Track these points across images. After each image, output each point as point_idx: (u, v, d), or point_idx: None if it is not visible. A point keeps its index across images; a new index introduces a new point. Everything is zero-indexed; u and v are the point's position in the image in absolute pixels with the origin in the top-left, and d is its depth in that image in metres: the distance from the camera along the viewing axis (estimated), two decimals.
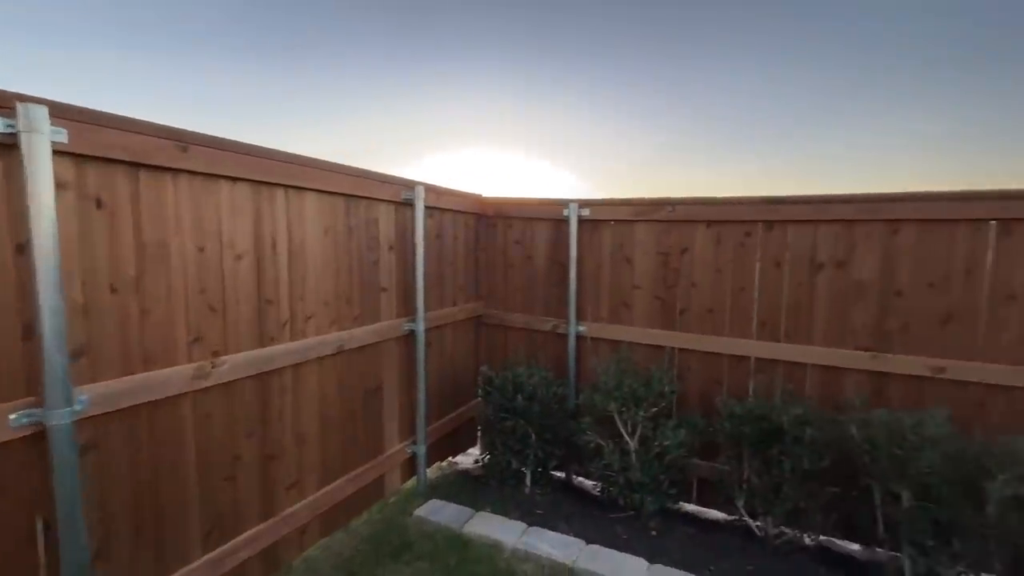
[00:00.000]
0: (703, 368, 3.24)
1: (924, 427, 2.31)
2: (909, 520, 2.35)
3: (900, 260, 2.74)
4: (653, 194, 3.39)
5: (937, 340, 2.68)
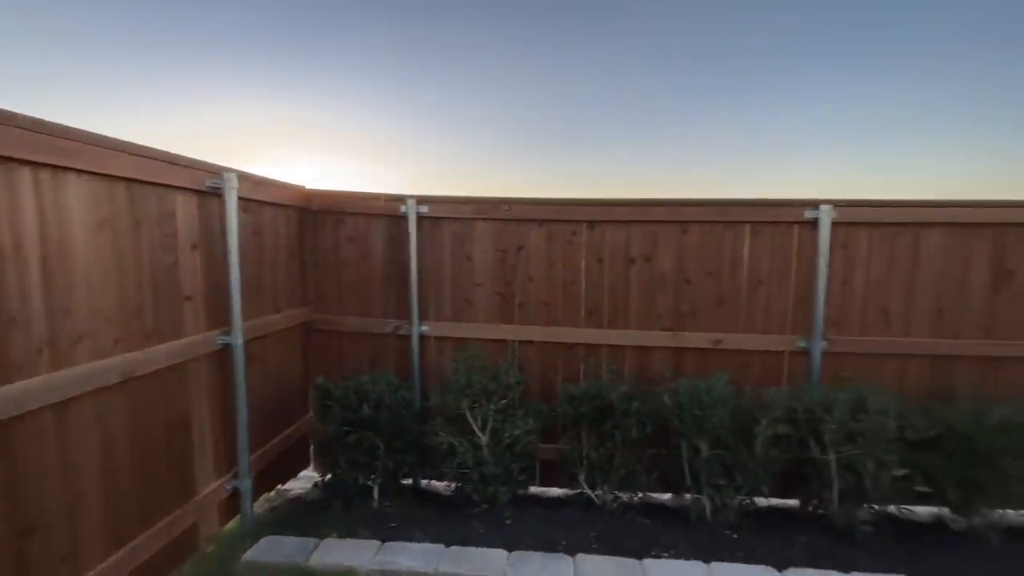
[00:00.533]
0: (542, 357, 3.46)
1: (714, 390, 2.86)
2: (707, 466, 2.89)
3: (689, 255, 3.33)
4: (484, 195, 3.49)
5: (715, 318, 3.34)
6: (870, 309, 3.24)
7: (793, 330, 3.29)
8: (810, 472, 2.95)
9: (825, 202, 3.17)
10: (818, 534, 2.86)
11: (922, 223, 3.16)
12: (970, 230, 3.16)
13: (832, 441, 2.76)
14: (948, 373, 3.22)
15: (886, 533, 2.85)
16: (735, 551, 2.69)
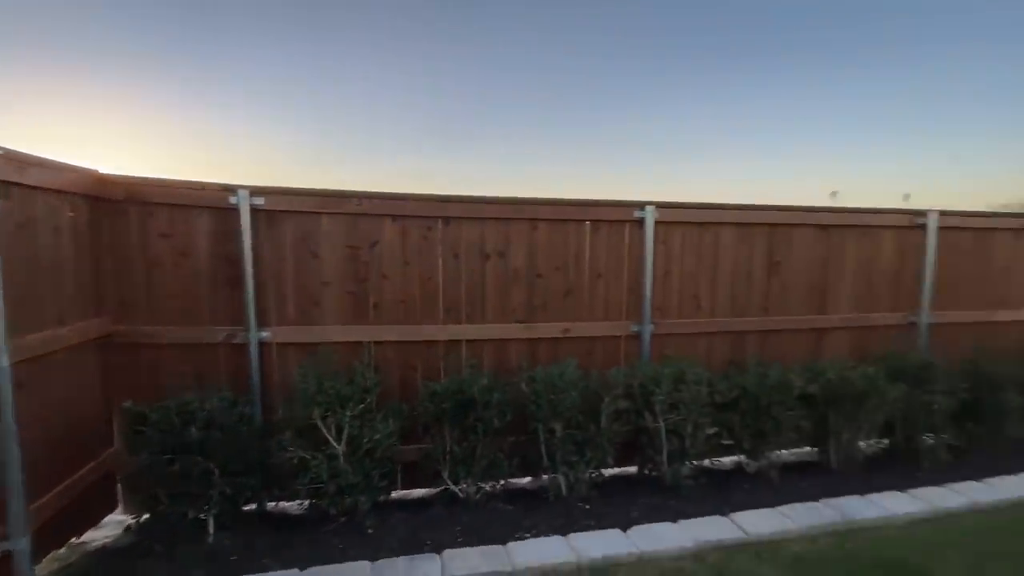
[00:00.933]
0: (401, 357, 3.36)
1: (566, 375, 3.09)
2: (562, 446, 3.10)
3: (539, 251, 3.53)
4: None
5: (563, 309, 3.60)
6: (685, 296, 3.81)
7: (627, 316, 3.71)
8: (644, 440, 3.36)
9: (649, 203, 3.63)
10: (653, 493, 3.27)
11: (721, 223, 3.82)
12: (752, 229, 3.90)
13: (661, 410, 3.18)
14: (742, 345, 3.95)
15: (703, 483, 3.38)
16: (588, 520, 2.94)
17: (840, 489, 3.31)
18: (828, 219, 4.06)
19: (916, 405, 3.66)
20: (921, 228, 4.23)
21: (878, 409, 3.53)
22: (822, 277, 4.09)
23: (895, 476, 3.52)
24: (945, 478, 3.48)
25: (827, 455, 3.68)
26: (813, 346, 4.09)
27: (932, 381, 3.68)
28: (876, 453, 3.88)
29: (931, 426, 3.75)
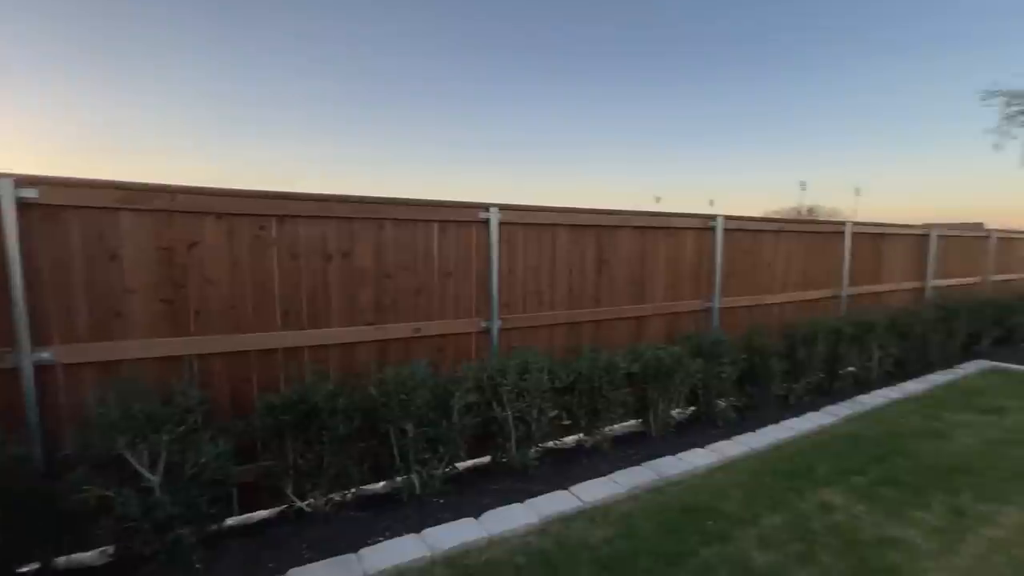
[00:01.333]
0: (232, 370, 3.04)
1: (417, 374, 3.11)
2: (414, 445, 3.12)
3: (387, 250, 3.49)
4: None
5: (414, 309, 3.61)
6: (529, 292, 4.10)
7: (477, 313, 3.87)
8: (495, 429, 3.54)
9: (493, 205, 3.82)
10: (505, 479, 3.46)
11: (556, 224, 4.18)
12: (584, 231, 4.35)
13: (509, 400, 3.38)
14: (578, 334, 4.38)
15: (549, 464, 3.68)
16: (443, 514, 3.00)
17: (658, 452, 3.87)
18: (644, 222, 4.70)
19: (712, 375, 4.45)
20: (712, 230, 5.15)
21: (684, 381, 4.22)
22: (641, 272, 4.73)
23: (698, 435, 4.23)
24: (733, 432, 4.29)
25: (648, 424, 4.28)
26: (636, 331, 4.72)
27: (722, 355, 4.51)
28: (685, 418, 4.61)
29: (722, 392, 4.60)
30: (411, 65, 55.95)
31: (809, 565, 2.58)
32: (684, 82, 64.23)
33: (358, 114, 61.01)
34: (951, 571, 2.55)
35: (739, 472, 3.63)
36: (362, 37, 44.14)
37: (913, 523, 2.97)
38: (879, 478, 3.52)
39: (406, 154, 58.12)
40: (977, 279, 8.93)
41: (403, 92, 57.65)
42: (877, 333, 5.77)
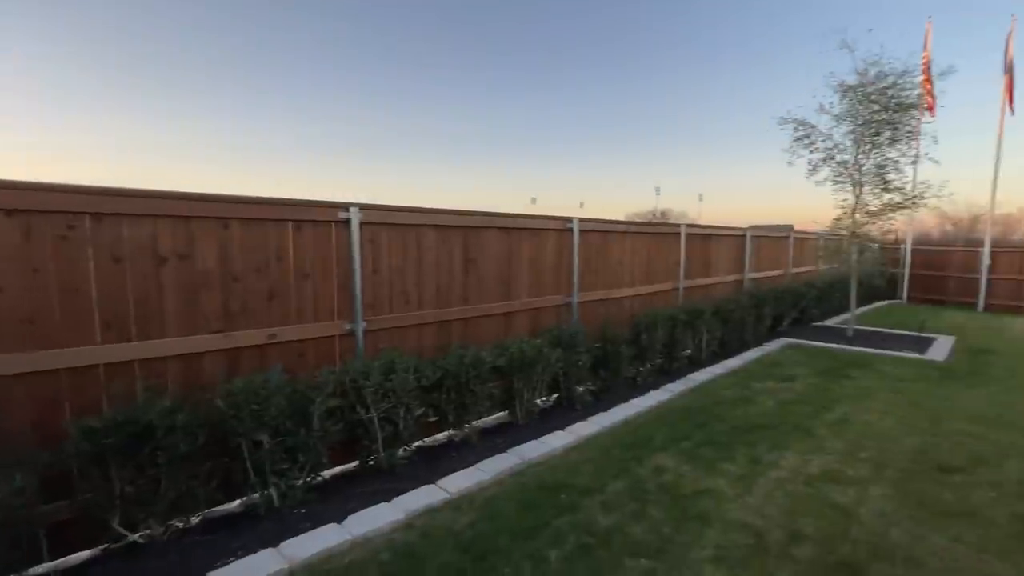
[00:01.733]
0: (33, 392, 2.61)
1: (271, 381, 2.96)
2: (270, 457, 2.96)
3: (234, 252, 3.25)
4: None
5: (267, 313, 3.41)
6: (395, 292, 4.10)
7: (340, 316, 3.77)
8: (361, 433, 3.50)
9: (354, 205, 3.76)
10: (372, 481, 3.44)
11: (422, 225, 4.24)
12: (450, 231, 4.47)
13: (373, 401, 3.37)
14: (448, 333, 4.48)
15: (418, 462, 3.74)
16: (304, 523, 2.90)
17: (523, 438, 4.14)
18: (509, 223, 4.97)
19: (571, 364, 4.86)
20: (569, 231, 5.61)
21: (546, 371, 4.56)
22: (507, 270, 4.99)
23: (559, 419, 4.60)
24: (589, 414, 4.74)
25: (515, 414, 4.55)
26: (503, 327, 4.97)
27: (579, 345, 4.95)
28: (549, 405, 4.98)
29: (580, 378, 5.05)
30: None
31: (642, 520, 2.99)
32: (567, 87, 67.93)
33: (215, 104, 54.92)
34: (746, 508, 3.15)
35: (592, 449, 4.03)
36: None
37: (722, 474, 3.58)
38: (701, 440, 4.17)
39: (268, 149, 53.51)
40: (781, 272, 10.87)
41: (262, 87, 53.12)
42: (705, 319, 6.77)
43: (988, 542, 2.81)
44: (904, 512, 3.12)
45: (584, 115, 73.46)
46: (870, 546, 2.77)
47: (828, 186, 8.73)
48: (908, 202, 8.33)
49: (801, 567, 2.59)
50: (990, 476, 3.59)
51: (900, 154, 8.20)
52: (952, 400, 5.31)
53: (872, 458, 3.87)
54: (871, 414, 4.85)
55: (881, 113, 7.98)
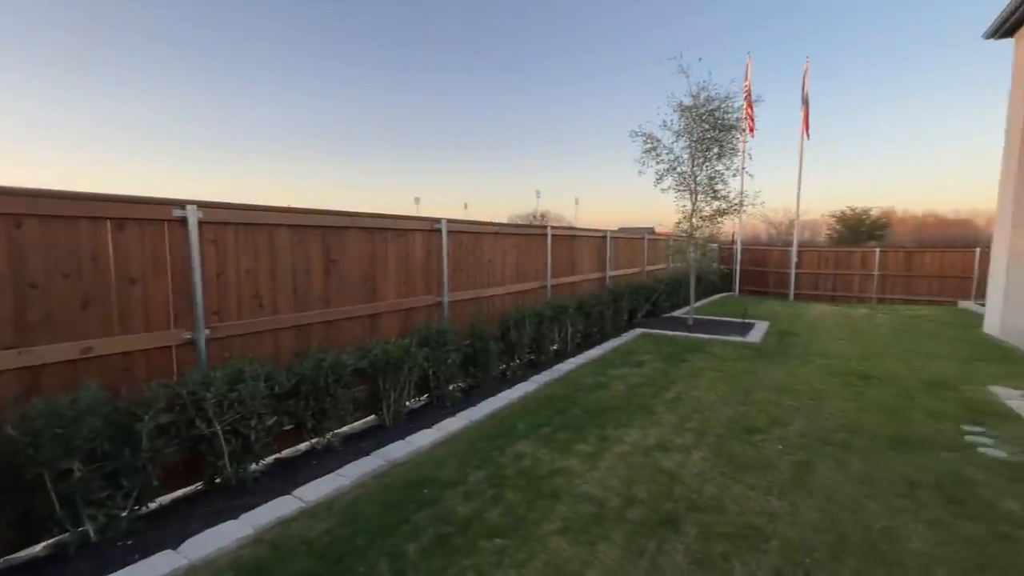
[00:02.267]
0: None
1: (80, 401, 2.60)
2: (83, 487, 2.61)
3: (29, 252, 2.80)
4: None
5: (82, 324, 2.99)
6: (245, 296, 3.83)
7: (177, 324, 3.43)
8: (204, 449, 3.22)
9: (191, 202, 3.44)
10: (219, 500, 3.19)
11: (274, 224, 4.01)
12: (309, 231, 4.29)
13: (216, 413, 3.13)
14: (308, 337, 4.29)
15: (274, 474, 3.54)
16: (132, 556, 2.60)
17: (389, 440, 4.13)
18: (373, 223, 4.90)
19: (440, 362, 4.95)
20: (438, 232, 5.69)
21: (414, 371, 4.58)
22: (372, 271, 4.92)
23: (429, 418, 4.66)
24: (458, 410, 4.87)
25: (383, 416, 4.51)
26: (369, 329, 4.88)
27: (448, 343, 5.05)
28: (419, 406, 5.01)
29: (450, 376, 5.15)
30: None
31: (499, 504, 3.18)
32: (450, 93, 67.92)
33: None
34: (592, 482, 3.50)
35: (458, 443, 4.16)
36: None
37: (575, 454, 3.94)
38: (559, 425, 4.53)
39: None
40: (638, 269, 12.08)
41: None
42: (570, 314, 7.31)
43: (772, 486, 3.46)
44: (716, 470, 3.71)
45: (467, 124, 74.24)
46: (688, 501, 3.26)
47: (672, 194, 9.93)
48: (732, 209, 9.79)
49: (632, 526, 2.96)
50: (780, 433, 4.41)
51: (726, 167, 9.62)
52: (761, 375, 6.39)
53: (696, 427, 4.53)
54: (699, 391, 5.65)
55: (711, 131, 9.28)
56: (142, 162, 47.58)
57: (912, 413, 4.94)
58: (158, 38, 46.35)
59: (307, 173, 61.65)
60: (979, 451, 4.01)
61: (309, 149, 64.86)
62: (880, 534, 2.89)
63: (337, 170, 64.32)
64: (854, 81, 59.86)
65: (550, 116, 76.47)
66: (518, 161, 78.84)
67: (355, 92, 63.47)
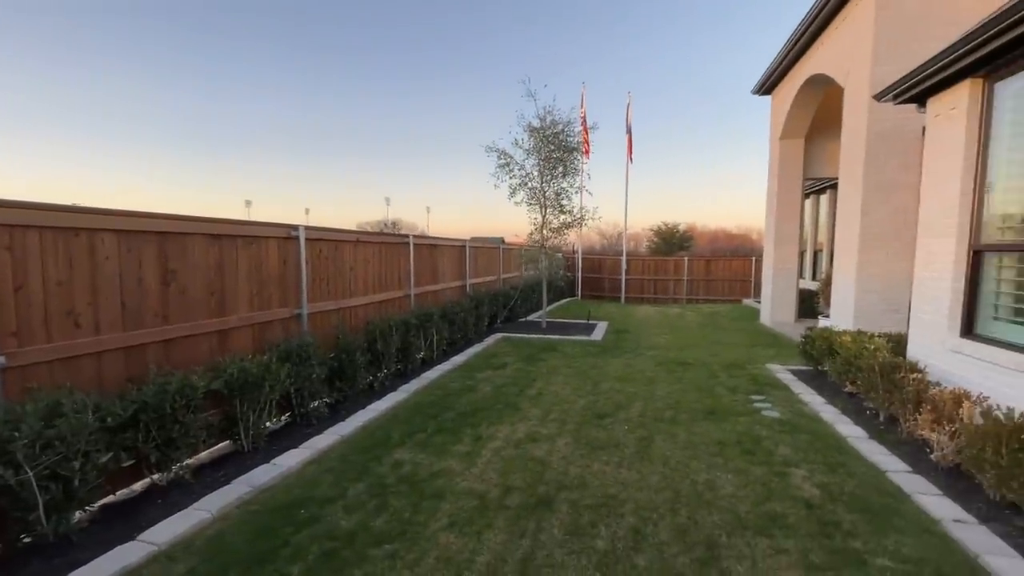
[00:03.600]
0: None
1: None
2: None
3: None
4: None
5: None
6: (55, 313, 3.19)
7: None
8: (7, 503, 2.62)
9: None
10: (33, 562, 2.62)
11: (96, 229, 3.42)
12: (141, 237, 3.73)
13: (27, 457, 2.57)
14: (142, 359, 3.72)
15: (110, 519, 3.02)
16: None
17: (252, 465, 3.79)
18: (221, 229, 4.43)
19: (303, 378, 4.67)
20: (295, 239, 5.36)
21: (275, 388, 4.26)
22: (221, 282, 4.44)
23: (294, 437, 4.37)
24: (326, 426, 4.65)
25: (241, 441, 4.10)
26: (220, 346, 4.40)
27: (312, 357, 4.79)
28: (282, 425, 4.66)
29: (315, 392, 4.89)
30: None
31: (384, 512, 3.18)
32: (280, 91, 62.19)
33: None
34: (473, 477, 3.69)
35: (331, 459, 4.00)
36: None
37: (453, 455, 4.09)
38: (434, 430, 4.63)
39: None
40: (495, 277, 12.67)
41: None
42: (435, 322, 7.42)
43: (623, 460, 4.04)
44: (578, 453, 4.18)
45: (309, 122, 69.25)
46: (557, 483, 3.64)
47: (524, 207, 10.69)
48: (576, 222, 10.92)
49: (512, 512, 3.22)
50: (625, 416, 5.13)
51: (570, 184, 10.70)
52: (605, 368, 7.27)
53: (558, 418, 5.02)
54: (557, 386, 6.24)
55: (556, 152, 10.25)
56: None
57: (718, 389, 6.13)
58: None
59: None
60: (763, 414, 5.17)
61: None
62: (703, 486, 3.59)
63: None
64: (666, 112, 71.39)
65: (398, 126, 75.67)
66: (366, 167, 76.16)
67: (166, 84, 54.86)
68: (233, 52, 56.00)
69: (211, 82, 60.36)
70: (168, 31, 50.23)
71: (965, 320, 4.63)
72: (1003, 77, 4.29)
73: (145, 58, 52.06)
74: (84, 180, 52.07)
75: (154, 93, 57.06)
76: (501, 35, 63.91)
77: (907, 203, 6.83)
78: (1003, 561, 2.61)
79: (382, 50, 62.48)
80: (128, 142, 59.34)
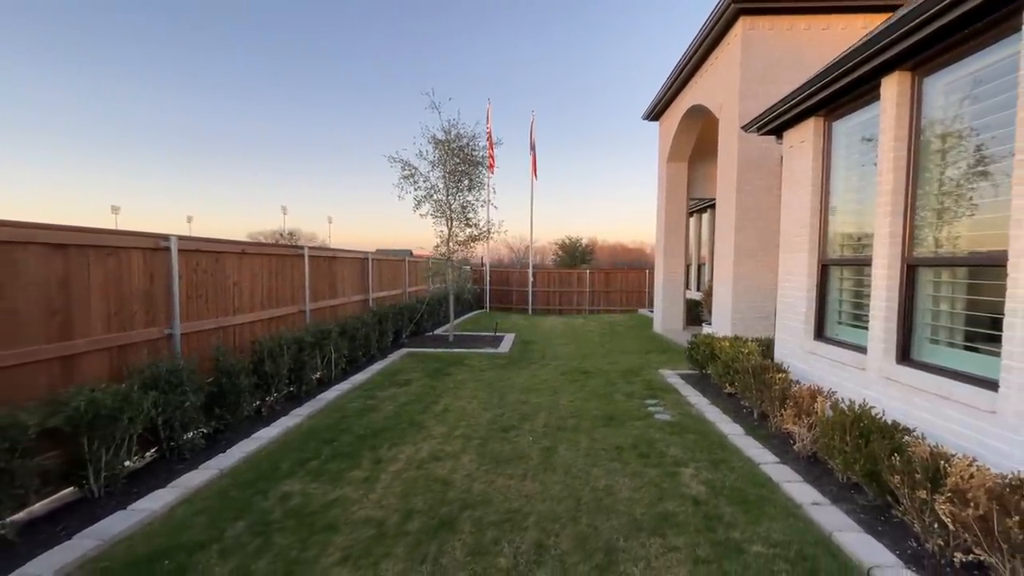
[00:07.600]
0: None
1: None
2: None
3: None
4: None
5: None
6: None
7: None
8: None
9: None
10: None
11: None
12: None
13: None
14: None
15: None
16: None
17: (103, 513, 3.24)
18: (66, 238, 3.80)
19: (173, 407, 4.12)
20: (166, 250, 4.77)
21: (135, 421, 3.70)
22: (65, 300, 3.80)
23: (161, 477, 3.82)
24: (201, 460, 4.13)
25: (89, 485, 3.49)
26: (64, 376, 3.74)
27: (184, 383, 4.25)
28: (147, 462, 4.06)
29: (188, 422, 4.33)
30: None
31: (268, 552, 2.87)
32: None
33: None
34: (371, 504, 3.47)
35: (206, 498, 3.55)
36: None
37: (349, 482, 3.82)
38: (329, 456, 4.31)
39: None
40: (400, 291, 12.30)
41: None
42: (333, 339, 6.99)
43: (527, 473, 4.05)
44: (483, 468, 4.12)
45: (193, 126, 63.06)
46: (461, 502, 3.54)
47: (430, 219, 10.54)
48: (482, 235, 10.98)
49: (413, 537, 3.06)
50: (530, 427, 5.17)
51: (475, 198, 10.75)
52: (512, 380, 7.32)
53: (463, 434, 4.93)
54: (463, 400, 6.15)
55: (462, 165, 10.27)
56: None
57: (615, 396, 6.42)
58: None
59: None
60: (656, 417, 5.50)
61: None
62: (603, 491, 3.70)
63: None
64: (568, 132, 75.12)
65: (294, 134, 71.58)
66: (261, 175, 70.87)
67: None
68: (111, 52, 49.55)
69: (95, 81, 52.79)
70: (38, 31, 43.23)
71: (817, 324, 5.31)
72: (837, 117, 5.04)
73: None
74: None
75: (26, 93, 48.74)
76: (406, 51, 63.55)
77: (772, 222, 7.75)
78: (851, 536, 2.98)
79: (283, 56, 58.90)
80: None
